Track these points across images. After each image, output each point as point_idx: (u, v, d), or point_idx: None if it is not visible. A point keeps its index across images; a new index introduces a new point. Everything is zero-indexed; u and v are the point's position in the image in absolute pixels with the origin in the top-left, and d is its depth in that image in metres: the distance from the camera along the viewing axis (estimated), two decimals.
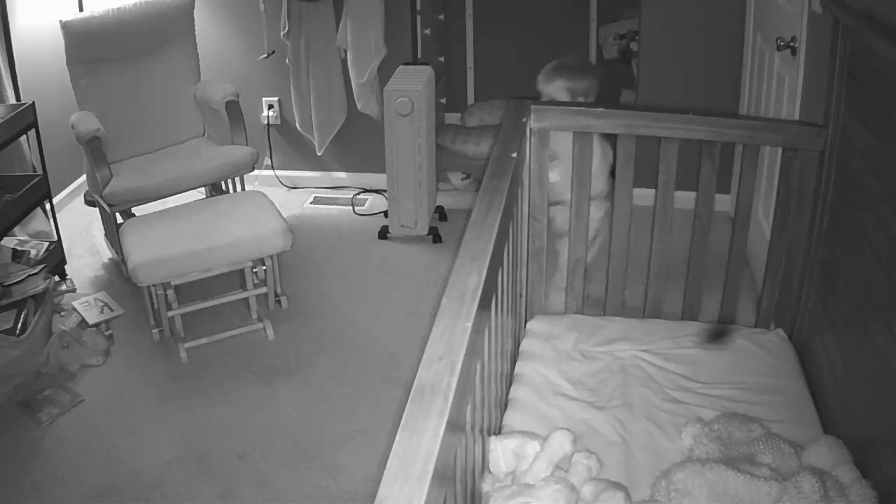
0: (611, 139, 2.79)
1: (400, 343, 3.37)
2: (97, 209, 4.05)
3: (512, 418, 2.20)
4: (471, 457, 1.72)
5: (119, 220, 3.74)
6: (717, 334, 2.53)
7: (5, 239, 3.54)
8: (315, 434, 2.91)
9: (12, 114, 3.47)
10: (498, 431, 2.15)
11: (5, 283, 3.26)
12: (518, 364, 2.44)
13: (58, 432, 2.94)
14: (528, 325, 2.64)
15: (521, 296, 2.63)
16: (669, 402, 2.24)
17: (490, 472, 1.97)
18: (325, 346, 3.38)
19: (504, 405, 2.28)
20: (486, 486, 1.93)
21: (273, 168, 4.84)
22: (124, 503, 2.64)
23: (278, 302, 3.65)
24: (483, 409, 1.86)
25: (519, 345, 2.55)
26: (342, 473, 2.72)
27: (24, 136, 3.68)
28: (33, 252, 3.57)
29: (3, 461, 2.81)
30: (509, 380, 2.39)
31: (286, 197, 4.68)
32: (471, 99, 5.33)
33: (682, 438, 2.09)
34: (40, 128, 3.67)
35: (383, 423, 2.91)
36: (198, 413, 3.03)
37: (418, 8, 4.39)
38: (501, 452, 1.97)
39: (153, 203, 3.82)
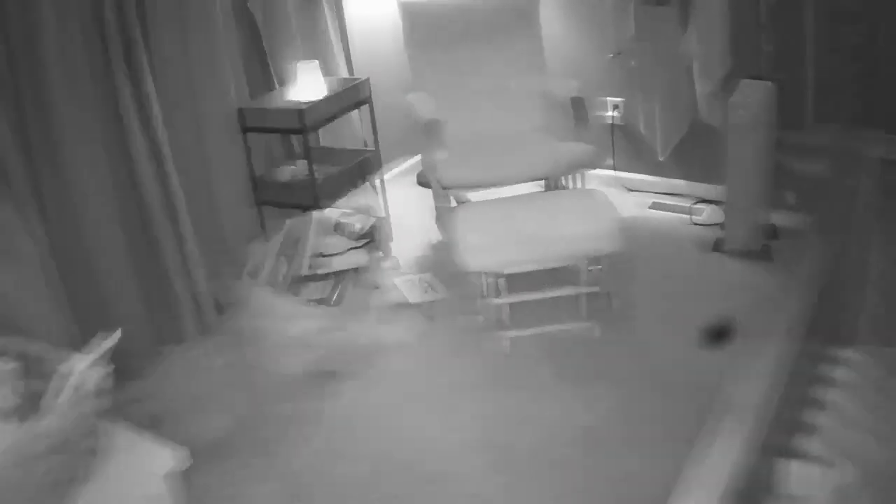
0: None
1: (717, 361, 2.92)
2: (429, 190, 4.04)
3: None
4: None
5: (453, 203, 3.67)
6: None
7: (330, 210, 3.60)
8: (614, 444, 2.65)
9: (346, 87, 3.52)
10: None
11: (325, 254, 3.31)
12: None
13: (339, 409, 2.94)
14: None
15: None
16: None
17: None
18: (647, 355, 3.12)
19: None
20: None
21: (615, 169, 4.63)
22: (410, 479, 2.59)
23: (608, 303, 3.41)
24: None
25: None
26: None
27: (356, 110, 3.73)
28: (358, 226, 3.58)
29: (297, 427, 2.86)
30: None
31: (624, 198, 4.46)
32: (809, 117, 4.77)
33: None
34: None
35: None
36: (504, 403, 2.92)
37: (762, 22, 4.00)
38: None
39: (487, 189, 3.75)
